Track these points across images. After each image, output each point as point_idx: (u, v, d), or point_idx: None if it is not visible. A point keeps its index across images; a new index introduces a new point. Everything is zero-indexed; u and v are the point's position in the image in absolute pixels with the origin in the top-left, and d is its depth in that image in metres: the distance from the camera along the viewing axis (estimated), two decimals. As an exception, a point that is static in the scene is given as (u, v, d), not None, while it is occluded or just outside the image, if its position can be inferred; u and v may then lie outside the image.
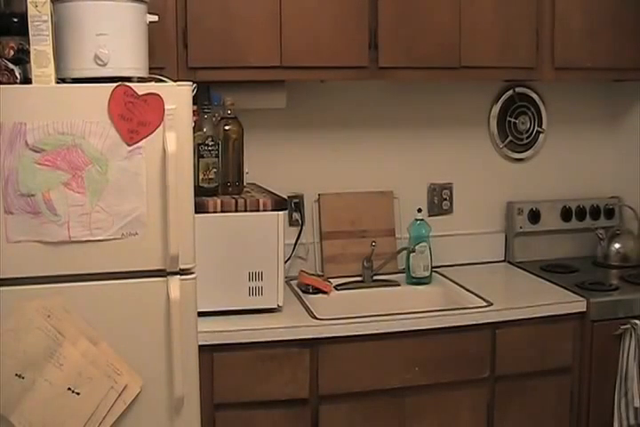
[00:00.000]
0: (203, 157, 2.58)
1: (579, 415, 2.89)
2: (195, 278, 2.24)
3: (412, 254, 3.06)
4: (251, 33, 2.66)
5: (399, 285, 3.07)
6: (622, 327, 2.85)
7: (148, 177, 2.15)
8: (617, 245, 3.36)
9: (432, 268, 3.10)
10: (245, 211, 2.57)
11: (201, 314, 2.30)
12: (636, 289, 3.01)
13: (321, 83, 3.06)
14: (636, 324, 2.83)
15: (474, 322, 2.70)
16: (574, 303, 2.84)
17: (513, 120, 3.41)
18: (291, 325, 2.54)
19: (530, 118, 3.44)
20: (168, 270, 2.20)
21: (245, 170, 2.74)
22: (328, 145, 3.17)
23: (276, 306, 2.64)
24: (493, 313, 2.73)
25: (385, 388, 2.62)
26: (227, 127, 2.68)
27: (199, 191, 2.53)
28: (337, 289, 2.98)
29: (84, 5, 2.17)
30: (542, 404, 2.83)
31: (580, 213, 3.46)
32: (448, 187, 3.35)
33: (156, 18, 2.34)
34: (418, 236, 3.09)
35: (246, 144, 2.73)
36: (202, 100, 2.65)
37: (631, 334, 2.84)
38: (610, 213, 3.51)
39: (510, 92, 3.38)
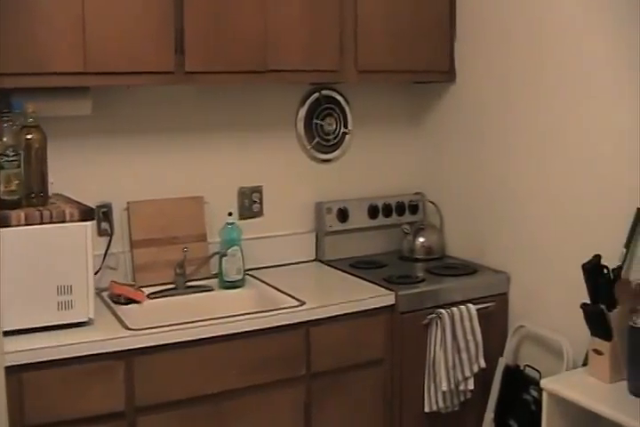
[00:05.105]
0: (3, 168, 2.49)
1: (392, 404, 3.01)
2: (-2, 297, 2.16)
3: (224, 258, 3.06)
4: (53, 37, 2.56)
5: (212, 289, 3.06)
6: (429, 317, 3.00)
7: (-57, 194, 2.05)
8: (421, 239, 3.50)
9: (245, 271, 3.12)
10: (51, 222, 2.49)
11: (7, 333, 2.22)
12: (441, 280, 3.16)
13: (127, 88, 3.00)
14: (441, 313, 2.98)
15: (287, 322, 2.74)
16: (383, 297, 2.95)
17: (319, 122, 3.46)
18: (102, 338, 2.47)
19: (336, 120, 3.51)
20: (-31, 290, 2.11)
21: (50, 180, 2.65)
22: (137, 151, 3.10)
23: (87, 319, 2.56)
24: (306, 312, 2.78)
25: (203, 394, 2.61)
26: (28, 136, 2.58)
27: (1, 204, 2.44)
28: (150, 298, 2.93)
29: None
30: (358, 396, 2.92)
31: (387, 210, 3.57)
32: (258, 189, 3.36)
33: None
34: (229, 239, 3.10)
35: (50, 153, 2.63)
36: (1, 107, 2.54)
37: (437, 323, 2.99)
38: (414, 209, 3.65)
39: (316, 94, 3.44)
